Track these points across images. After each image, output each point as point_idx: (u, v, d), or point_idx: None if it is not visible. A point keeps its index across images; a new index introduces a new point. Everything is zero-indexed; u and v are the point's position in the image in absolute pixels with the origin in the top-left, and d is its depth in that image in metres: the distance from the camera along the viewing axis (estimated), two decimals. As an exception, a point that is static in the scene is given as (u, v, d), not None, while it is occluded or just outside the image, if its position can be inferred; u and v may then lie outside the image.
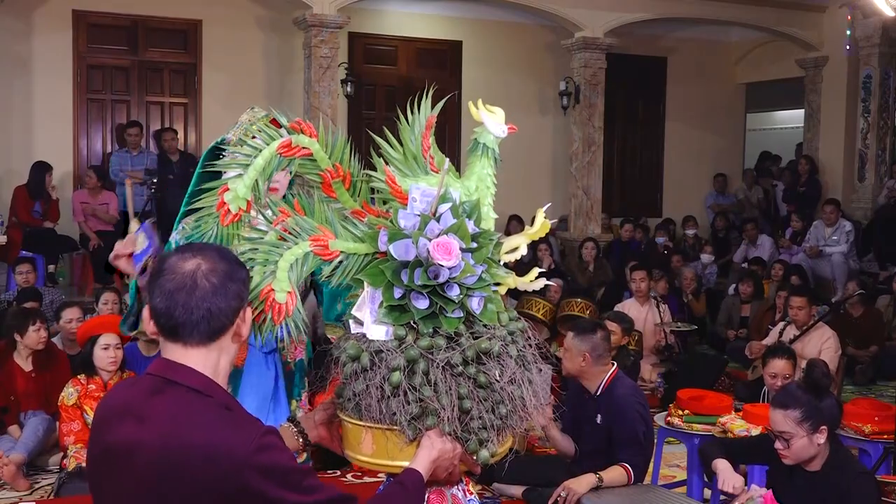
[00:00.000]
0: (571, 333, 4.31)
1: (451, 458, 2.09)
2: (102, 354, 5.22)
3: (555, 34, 11.79)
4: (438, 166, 2.23)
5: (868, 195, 11.86)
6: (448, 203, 2.17)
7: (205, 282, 1.75)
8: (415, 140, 2.24)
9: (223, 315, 1.78)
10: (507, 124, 2.27)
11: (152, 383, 1.80)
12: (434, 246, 2.08)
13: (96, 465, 1.85)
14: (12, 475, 5.22)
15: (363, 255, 2.17)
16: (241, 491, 1.69)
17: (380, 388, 2.07)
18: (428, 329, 2.10)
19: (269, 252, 2.09)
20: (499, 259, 2.25)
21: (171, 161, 9.77)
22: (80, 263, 9.64)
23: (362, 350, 2.12)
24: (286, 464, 1.76)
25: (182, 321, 1.76)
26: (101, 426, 1.84)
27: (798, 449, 3.21)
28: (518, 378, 2.13)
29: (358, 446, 2.17)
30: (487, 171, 2.26)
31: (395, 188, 2.20)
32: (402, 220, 2.15)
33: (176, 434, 1.71)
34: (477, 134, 2.28)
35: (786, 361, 4.94)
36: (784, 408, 3.23)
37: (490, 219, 2.25)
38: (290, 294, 2.09)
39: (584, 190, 11.38)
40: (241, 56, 10.63)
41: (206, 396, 1.77)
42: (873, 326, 8.48)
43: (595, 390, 4.24)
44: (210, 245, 1.87)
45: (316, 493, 1.77)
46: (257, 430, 1.74)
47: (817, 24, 12.31)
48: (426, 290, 2.09)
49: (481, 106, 2.27)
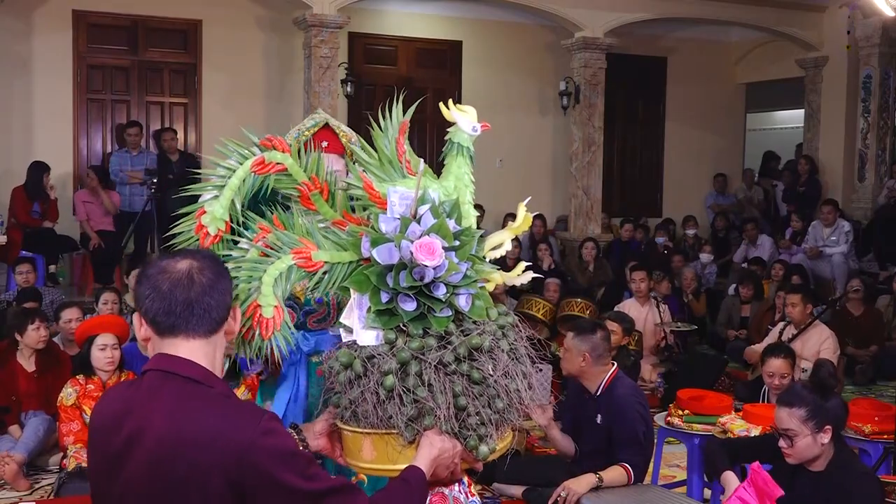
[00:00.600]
0: (571, 334, 4.31)
1: (452, 457, 2.10)
2: (99, 355, 5.22)
3: (555, 34, 11.79)
4: (415, 169, 2.24)
5: (868, 195, 11.86)
6: (427, 204, 2.18)
7: (201, 277, 1.80)
8: (389, 144, 2.25)
9: (222, 308, 1.83)
10: (480, 122, 2.28)
11: (151, 378, 1.82)
12: (417, 247, 2.09)
13: (98, 471, 1.86)
14: (13, 474, 5.22)
15: (347, 264, 2.18)
16: (248, 473, 1.70)
17: (375, 394, 2.07)
18: (418, 330, 2.11)
19: (253, 269, 2.12)
20: (483, 255, 2.26)
21: (171, 161, 9.78)
22: (80, 263, 9.64)
23: (354, 357, 2.12)
24: (291, 448, 1.79)
25: (184, 316, 1.80)
26: (101, 433, 1.84)
27: (802, 448, 3.21)
28: (511, 371, 2.14)
29: (358, 453, 2.17)
30: (464, 169, 2.28)
31: (374, 194, 2.22)
32: (383, 224, 2.16)
33: (180, 421, 1.73)
34: (451, 134, 2.31)
35: (783, 360, 4.97)
36: (789, 406, 3.23)
37: (471, 216, 2.27)
38: (277, 308, 2.12)
39: (584, 190, 11.38)
40: (241, 56, 10.63)
41: (207, 387, 1.80)
42: (873, 326, 8.48)
43: (595, 390, 4.24)
44: (193, 249, 1.93)
45: (319, 480, 1.79)
46: (261, 415, 1.77)
47: (817, 24, 12.31)
48: (413, 292, 2.10)
49: (452, 106, 2.29)
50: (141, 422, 1.76)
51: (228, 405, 1.78)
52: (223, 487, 1.70)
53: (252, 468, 1.70)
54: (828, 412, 3.21)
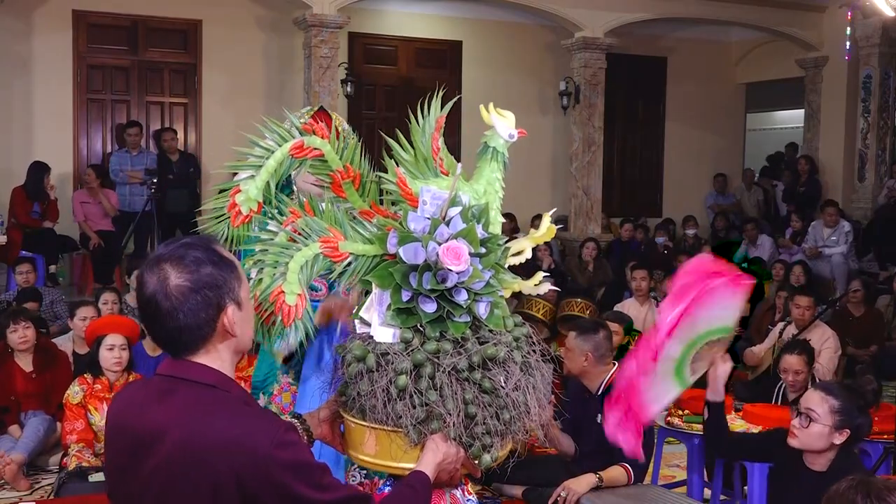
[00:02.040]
0: (574, 333, 4.32)
1: (454, 462, 2.10)
2: (107, 355, 5.19)
3: (555, 34, 11.79)
4: (447, 168, 2.23)
5: (868, 195, 11.86)
6: (458, 207, 2.17)
7: (166, 302, 1.75)
8: (425, 142, 2.24)
9: (194, 330, 1.77)
10: (518, 129, 2.27)
11: (163, 384, 1.80)
12: (444, 250, 2.08)
13: (113, 468, 1.86)
14: (14, 474, 5.22)
15: (372, 257, 2.17)
16: (262, 485, 1.69)
17: (385, 391, 2.07)
18: (435, 333, 2.10)
19: (280, 254, 2.10)
20: (505, 264, 2.25)
21: (171, 161, 9.78)
22: (80, 263, 9.63)
23: (368, 351, 2.11)
24: (307, 460, 1.77)
25: (159, 340, 1.81)
26: (117, 431, 1.84)
27: (814, 434, 3.18)
28: (522, 385, 2.14)
29: (360, 446, 2.17)
30: (496, 174, 2.26)
31: (406, 190, 2.20)
32: (412, 222, 2.15)
33: (195, 428, 1.72)
34: (487, 137, 2.28)
35: (797, 357, 5.01)
36: (827, 392, 3.23)
37: (498, 223, 2.25)
38: (300, 296, 2.10)
39: (584, 190, 11.38)
40: (241, 56, 10.63)
41: (223, 391, 1.78)
42: (873, 326, 8.47)
43: (596, 389, 4.25)
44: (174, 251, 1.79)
45: (333, 490, 1.78)
46: (279, 425, 1.75)
47: (817, 24, 12.31)
48: (434, 294, 2.09)
49: (492, 109, 2.26)
50: (158, 424, 1.74)
51: (245, 413, 1.76)
52: (236, 497, 1.70)
53: (266, 480, 1.70)
54: (855, 420, 3.20)
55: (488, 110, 2.26)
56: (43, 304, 7.34)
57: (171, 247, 1.80)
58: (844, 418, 3.18)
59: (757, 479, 4.23)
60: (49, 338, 6.43)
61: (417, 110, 2.23)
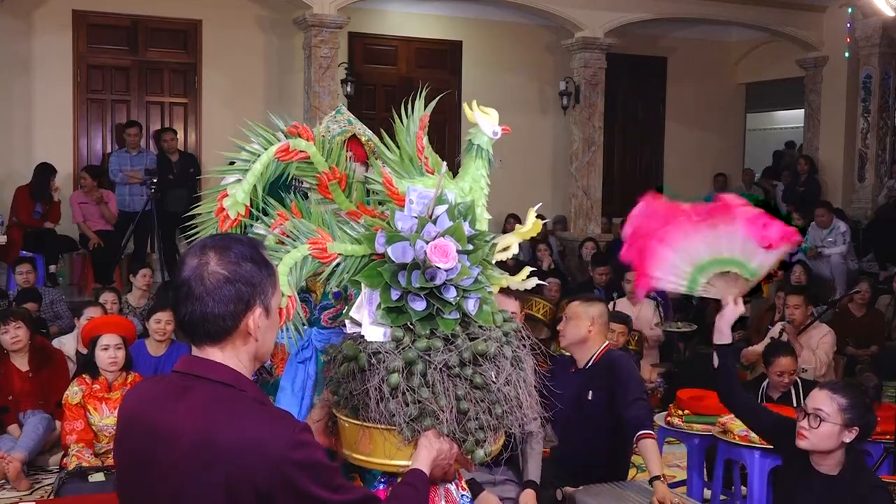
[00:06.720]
0: (577, 301, 4.20)
1: (448, 458, 2.12)
2: (102, 355, 5.19)
3: (555, 34, 11.79)
4: (433, 167, 2.24)
5: (868, 195, 11.86)
6: (444, 205, 2.18)
7: (199, 286, 1.76)
8: (410, 141, 2.25)
9: (218, 319, 1.77)
10: (501, 125, 2.28)
11: (180, 381, 1.81)
12: (431, 248, 2.10)
13: (124, 467, 1.86)
14: (16, 473, 5.22)
15: (360, 257, 2.18)
16: (278, 485, 1.70)
17: (378, 390, 2.07)
18: (425, 330, 2.11)
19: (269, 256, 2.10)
20: (493, 260, 2.26)
21: (171, 161, 9.78)
22: (80, 263, 9.63)
23: (359, 351, 2.12)
24: (321, 461, 1.78)
25: (183, 323, 1.80)
26: (129, 430, 1.84)
27: (824, 434, 3.16)
28: (514, 379, 2.15)
29: (355, 445, 2.18)
30: (482, 171, 2.29)
31: (392, 190, 2.22)
32: (400, 222, 2.16)
33: (210, 426, 1.72)
34: (471, 135, 2.30)
35: (790, 358, 5.11)
36: (833, 391, 3.22)
37: (484, 220, 2.27)
38: (291, 298, 2.10)
39: (584, 190, 11.38)
40: (241, 56, 10.63)
41: (238, 390, 1.78)
42: (874, 326, 8.48)
43: (586, 363, 4.10)
44: (221, 241, 1.81)
45: (345, 492, 1.79)
46: (294, 426, 1.76)
47: (817, 24, 12.31)
48: (423, 292, 2.10)
49: (475, 107, 2.29)
50: (175, 422, 1.75)
51: (260, 412, 1.76)
52: (251, 496, 1.70)
53: (282, 480, 1.70)
54: (863, 416, 3.19)
55: (472, 108, 2.27)
56: (43, 304, 7.34)
57: (220, 238, 1.83)
58: (853, 416, 3.17)
59: (757, 479, 4.23)
60: (49, 338, 6.43)
61: (402, 110, 2.26)
